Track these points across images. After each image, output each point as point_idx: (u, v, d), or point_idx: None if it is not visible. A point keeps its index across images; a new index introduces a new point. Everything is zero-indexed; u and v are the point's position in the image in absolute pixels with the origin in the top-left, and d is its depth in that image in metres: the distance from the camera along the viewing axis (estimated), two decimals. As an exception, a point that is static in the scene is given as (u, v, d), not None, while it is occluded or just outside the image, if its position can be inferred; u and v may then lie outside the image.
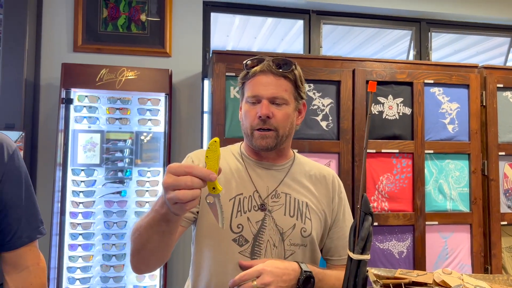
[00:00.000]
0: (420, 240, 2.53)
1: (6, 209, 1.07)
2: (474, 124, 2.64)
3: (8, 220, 1.08)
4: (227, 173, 1.24)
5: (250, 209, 1.19)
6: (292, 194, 1.23)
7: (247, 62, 1.23)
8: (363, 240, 0.88)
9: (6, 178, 1.06)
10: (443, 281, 0.88)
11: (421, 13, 3.29)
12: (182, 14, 2.95)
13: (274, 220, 1.19)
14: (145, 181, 2.65)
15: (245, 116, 1.22)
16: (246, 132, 1.22)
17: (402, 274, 0.92)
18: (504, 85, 2.70)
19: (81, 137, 2.63)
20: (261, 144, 1.19)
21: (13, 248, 1.10)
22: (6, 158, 1.06)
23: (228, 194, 1.21)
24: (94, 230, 2.58)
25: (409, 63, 2.69)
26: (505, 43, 3.91)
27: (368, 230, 0.89)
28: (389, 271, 0.95)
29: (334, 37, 4.19)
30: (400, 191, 2.56)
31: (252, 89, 1.19)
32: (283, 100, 1.19)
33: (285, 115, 1.19)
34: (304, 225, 1.21)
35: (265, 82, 1.18)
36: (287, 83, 1.20)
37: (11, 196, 1.08)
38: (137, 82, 2.60)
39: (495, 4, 3.33)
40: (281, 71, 1.18)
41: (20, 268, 1.12)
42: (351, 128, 2.52)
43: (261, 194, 1.21)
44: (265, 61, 1.20)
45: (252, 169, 1.25)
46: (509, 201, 2.67)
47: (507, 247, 2.63)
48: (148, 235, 0.97)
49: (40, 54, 2.76)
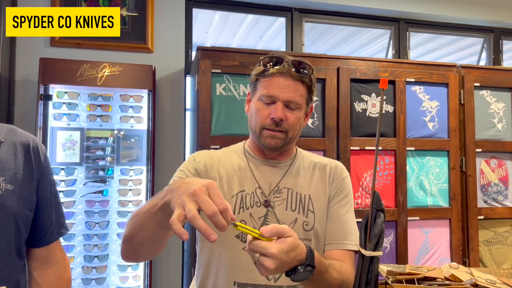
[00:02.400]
0: (403, 235, 2.59)
1: (42, 205, 1.12)
2: (453, 122, 2.72)
3: (43, 216, 1.13)
4: (229, 171, 1.23)
5: (252, 205, 1.19)
6: (294, 188, 1.23)
7: (264, 58, 1.20)
8: (376, 237, 0.89)
9: (43, 176, 1.12)
10: (452, 275, 0.90)
11: (400, 13, 3.36)
12: (164, 10, 2.89)
13: (276, 215, 1.19)
14: (128, 179, 2.59)
15: (255, 113, 1.20)
16: (255, 129, 1.21)
17: (412, 269, 0.93)
18: (480, 84, 2.79)
19: (60, 135, 2.54)
20: (269, 143, 1.18)
21: (47, 243, 1.15)
22: (42, 158, 1.13)
23: (231, 191, 1.20)
24: (75, 231, 2.50)
25: (391, 62, 2.74)
26: (476, 43, 4.05)
27: (381, 226, 0.89)
28: (398, 267, 0.96)
29: (313, 35, 4.22)
30: (383, 187, 2.61)
31: (268, 89, 1.17)
32: (297, 105, 1.18)
33: (296, 119, 1.19)
34: (306, 219, 1.20)
35: (283, 84, 1.16)
36: (303, 88, 1.18)
37: (46, 193, 1.13)
38: (119, 78, 2.53)
39: (470, 6, 3.44)
40: (300, 76, 1.17)
41: (51, 263, 1.16)
42: (335, 125, 2.54)
43: (263, 190, 1.21)
44: (285, 61, 1.17)
45: (255, 166, 1.25)
46: (486, 196, 2.77)
47: (484, 240, 2.73)
48: (145, 222, 0.94)
49: (15, 48, 2.64)
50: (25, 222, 1.07)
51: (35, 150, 1.11)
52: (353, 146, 2.55)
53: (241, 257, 1.15)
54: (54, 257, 1.17)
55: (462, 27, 3.58)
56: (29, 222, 1.09)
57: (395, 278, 0.89)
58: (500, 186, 2.80)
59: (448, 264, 0.95)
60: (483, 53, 3.73)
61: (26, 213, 1.07)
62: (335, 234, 1.21)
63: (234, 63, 2.43)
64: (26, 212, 1.07)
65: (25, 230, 1.07)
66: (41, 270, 1.14)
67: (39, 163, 1.12)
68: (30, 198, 1.08)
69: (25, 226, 1.07)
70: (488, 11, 3.48)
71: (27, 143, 1.10)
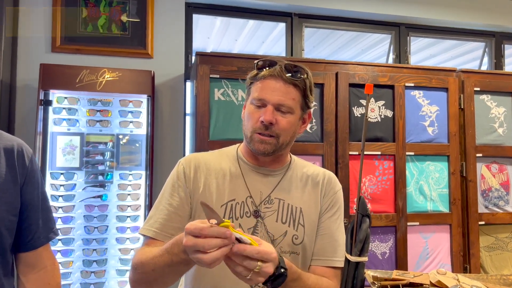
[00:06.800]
0: (402, 240, 2.57)
1: (28, 210, 1.11)
2: (453, 127, 2.71)
3: (29, 221, 1.12)
4: (219, 177, 1.20)
5: (242, 215, 1.16)
6: (286, 199, 1.20)
7: (258, 62, 1.19)
8: (361, 242, 0.89)
9: (28, 180, 1.11)
10: (439, 281, 0.90)
11: (401, 18, 3.36)
12: (164, 15, 2.91)
13: (266, 227, 1.16)
14: (127, 184, 2.60)
15: (247, 117, 1.19)
16: (246, 133, 1.19)
17: (399, 275, 0.93)
18: (480, 89, 2.78)
19: (60, 140, 2.55)
20: (259, 149, 1.16)
21: (33, 248, 1.14)
22: (27, 162, 1.12)
23: (220, 199, 1.17)
24: (74, 235, 2.51)
25: (390, 67, 2.74)
26: (478, 48, 4.03)
27: (366, 232, 0.89)
28: (385, 272, 0.95)
29: (315, 40, 4.22)
30: (383, 192, 2.59)
31: (259, 92, 1.16)
32: (288, 108, 1.15)
33: (288, 124, 1.16)
34: (296, 232, 1.18)
35: (273, 87, 1.14)
36: (295, 91, 1.16)
37: (31, 198, 1.12)
38: (118, 83, 2.55)
39: (471, 10, 3.43)
40: (291, 78, 1.15)
41: (38, 268, 1.15)
42: (334, 130, 2.54)
43: (254, 200, 1.18)
44: (277, 64, 1.16)
45: (248, 174, 1.22)
46: (486, 201, 2.75)
47: (485, 246, 2.70)
48: (164, 272, 0.99)
49: (16, 54, 2.67)
50: (9, 227, 1.06)
51: (19, 154, 1.10)
52: (352, 151, 2.54)
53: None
54: (42, 262, 1.16)
55: (463, 32, 3.57)
56: (13, 226, 1.08)
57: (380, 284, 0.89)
58: (501, 192, 2.78)
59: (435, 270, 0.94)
60: (485, 57, 3.71)
61: (9, 218, 1.06)
62: (325, 250, 1.20)
63: (233, 68, 2.44)
64: (9, 217, 1.06)
65: (8, 235, 1.07)
66: (29, 275, 1.14)
67: (24, 167, 1.10)
68: (14, 202, 1.08)
69: (8, 231, 1.06)
70: (489, 15, 3.47)
71: (11, 147, 1.09)
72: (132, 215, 2.58)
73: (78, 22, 2.78)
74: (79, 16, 2.78)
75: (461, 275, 0.92)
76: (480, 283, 0.89)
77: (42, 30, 2.72)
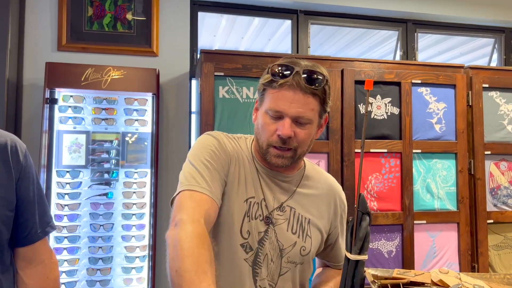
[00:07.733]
0: (409, 239, 2.54)
1: (23, 205, 1.12)
2: (461, 124, 2.67)
3: (25, 216, 1.13)
4: (241, 172, 1.15)
5: (256, 217, 1.13)
6: (297, 208, 1.18)
7: (273, 67, 1.08)
8: (361, 240, 0.87)
9: (23, 176, 1.12)
10: (441, 280, 0.88)
11: (408, 14, 3.32)
12: (169, 13, 2.91)
13: (276, 235, 1.14)
14: (132, 182, 2.61)
15: (262, 128, 1.11)
16: (261, 145, 1.12)
17: (400, 274, 0.91)
18: (489, 85, 2.73)
19: (66, 138, 2.57)
20: (276, 163, 1.11)
21: (30, 242, 1.14)
22: (21, 157, 1.12)
23: (244, 194, 1.14)
24: (80, 233, 2.52)
25: (396, 63, 2.70)
26: (488, 44, 3.98)
27: (366, 230, 0.88)
28: (386, 271, 0.94)
29: (321, 37, 4.20)
30: (389, 190, 2.57)
31: (275, 103, 1.06)
32: (307, 120, 1.07)
33: (307, 135, 1.09)
34: (305, 244, 1.17)
35: (291, 98, 1.04)
36: (315, 101, 1.07)
37: (27, 193, 1.13)
38: (123, 81, 2.55)
39: (480, 6, 3.38)
40: (311, 88, 1.04)
41: (36, 262, 1.16)
42: (340, 128, 2.52)
43: (268, 204, 1.15)
44: (295, 71, 1.04)
45: (263, 176, 1.17)
46: (495, 199, 2.71)
47: (493, 245, 2.67)
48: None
49: (23, 53, 2.69)
50: (5, 222, 1.07)
51: (13, 150, 1.10)
52: (358, 148, 2.52)
53: (241, 267, 1.12)
54: (40, 256, 1.16)
55: (472, 28, 3.52)
56: (9, 221, 1.09)
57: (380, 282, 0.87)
58: (511, 190, 2.74)
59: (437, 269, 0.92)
60: (494, 54, 3.66)
61: (5, 213, 1.07)
62: (338, 257, 1.31)
63: (237, 66, 2.43)
64: (5, 212, 1.07)
65: (5, 230, 1.07)
66: (26, 270, 1.14)
67: (18, 163, 1.11)
68: (10, 198, 1.08)
69: (5, 226, 1.07)
70: (498, 11, 3.41)
71: (4, 143, 1.09)
72: (137, 213, 2.59)
73: (84, 21, 2.79)
74: (85, 15, 2.79)
75: (463, 274, 0.90)
76: (483, 282, 0.87)
77: (48, 29, 2.73)
